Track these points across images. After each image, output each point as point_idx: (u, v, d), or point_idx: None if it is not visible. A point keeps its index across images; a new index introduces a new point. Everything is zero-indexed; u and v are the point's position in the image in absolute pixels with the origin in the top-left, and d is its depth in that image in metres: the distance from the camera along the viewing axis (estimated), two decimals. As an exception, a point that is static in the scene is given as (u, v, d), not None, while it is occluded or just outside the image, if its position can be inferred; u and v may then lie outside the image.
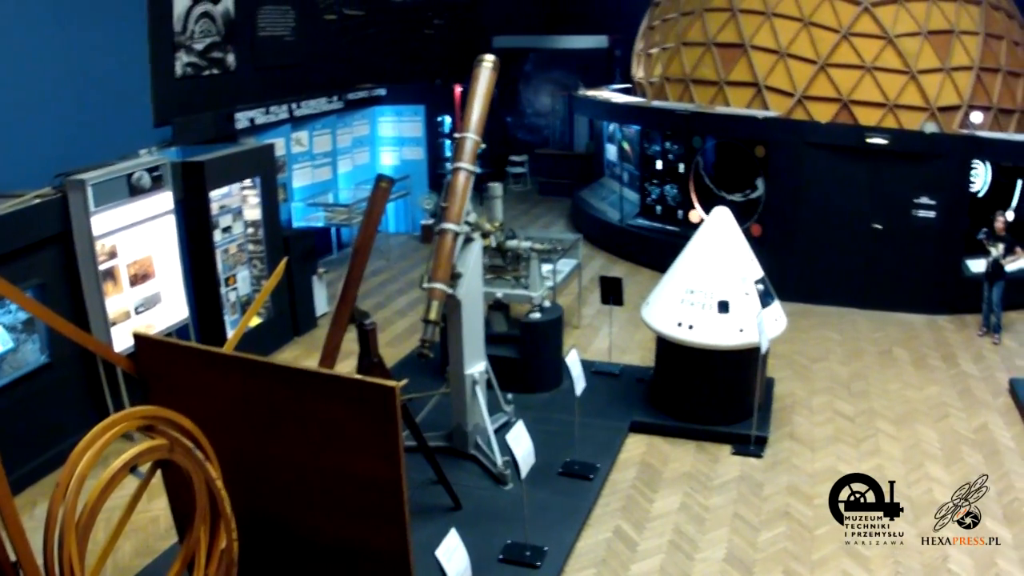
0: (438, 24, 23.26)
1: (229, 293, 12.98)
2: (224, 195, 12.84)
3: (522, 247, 11.96)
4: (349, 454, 6.57)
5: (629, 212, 19.44)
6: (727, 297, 10.73)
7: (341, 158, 19.15)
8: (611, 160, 22.40)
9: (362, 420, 6.40)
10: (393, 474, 6.45)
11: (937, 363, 13.41)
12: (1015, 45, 17.10)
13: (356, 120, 19.58)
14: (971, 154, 15.32)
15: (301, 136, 17.59)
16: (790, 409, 11.92)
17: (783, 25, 16.92)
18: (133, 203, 10.79)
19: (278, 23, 16.75)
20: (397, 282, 17.36)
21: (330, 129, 18.57)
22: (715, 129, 17.36)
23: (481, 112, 9.66)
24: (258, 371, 6.69)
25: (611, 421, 11.27)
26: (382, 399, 6.25)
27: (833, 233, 15.75)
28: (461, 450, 10.24)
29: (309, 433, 6.65)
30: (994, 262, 13.84)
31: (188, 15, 14.09)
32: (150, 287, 11.18)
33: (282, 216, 15.22)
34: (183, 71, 14.19)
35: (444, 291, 8.99)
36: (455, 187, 9.39)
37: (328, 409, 6.48)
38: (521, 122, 26.90)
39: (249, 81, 15.92)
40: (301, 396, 6.53)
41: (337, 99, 18.06)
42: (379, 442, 6.41)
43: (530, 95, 26.73)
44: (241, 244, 13.26)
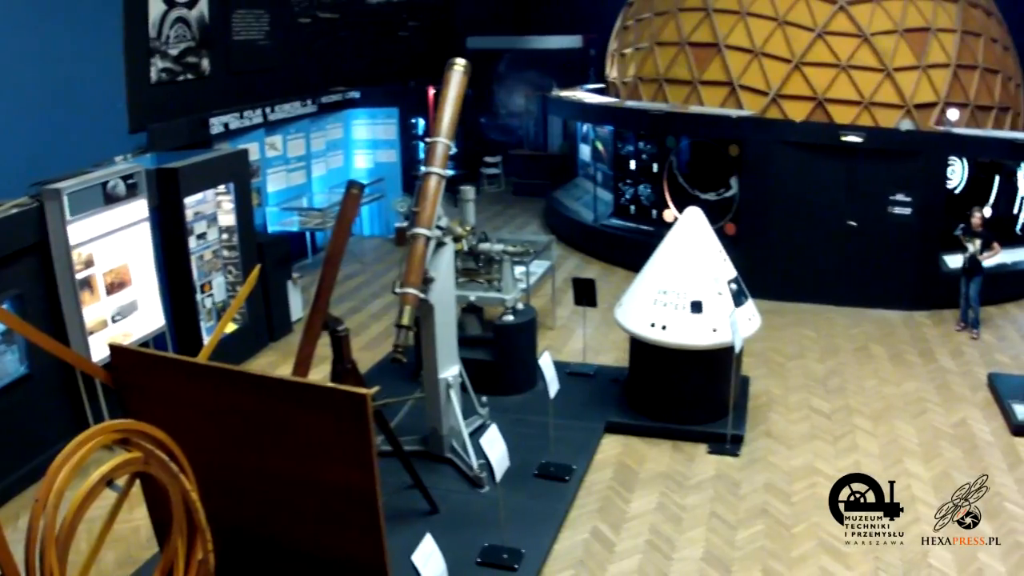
0: (412, 26, 23.18)
1: (205, 300, 12.85)
2: (199, 201, 12.73)
3: (494, 250, 11.88)
4: (322, 463, 6.46)
5: (603, 212, 19.34)
6: (700, 297, 10.63)
7: (315, 162, 18.97)
8: (585, 160, 22.32)
9: (334, 428, 6.30)
10: (367, 482, 6.34)
11: (915, 359, 13.34)
12: (993, 42, 17.09)
13: (330, 123, 19.41)
14: (947, 151, 15.30)
15: (275, 140, 17.41)
16: (766, 407, 11.81)
17: (758, 24, 16.86)
18: (109, 211, 10.66)
19: (252, 27, 16.60)
20: (372, 286, 17.18)
21: (304, 133, 18.39)
22: (689, 129, 17.28)
23: (452, 116, 9.58)
24: (230, 380, 6.59)
25: (586, 422, 11.14)
26: (354, 407, 6.14)
27: (808, 231, 15.68)
28: (437, 454, 10.11)
29: (282, 442, 6.54)
30: (971, 258, 13.79)
31: (163, 20, 13.94)
32: (127, 295, 11.02)
33: (257, 221, 15.08)
34: (158, 77, 14.04)
35: (417, 296, 8.86)
36: (426, 192, 9.28)
37: (300, 418, 6.38)
38: (495, 123, 26.77)
39: (224, 86, 15.77)
40: (273, 405, 6.42)
41: (311, 103, 17.91)
42: (352, 450, 6.31)
43: (504, 96, 26.61)
44: (216, 250, 13.14)
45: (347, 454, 6.33)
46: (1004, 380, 12.17)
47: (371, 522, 6.52)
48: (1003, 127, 16.93)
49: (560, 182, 22.92)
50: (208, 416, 6.66)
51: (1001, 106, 16.94)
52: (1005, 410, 11.34)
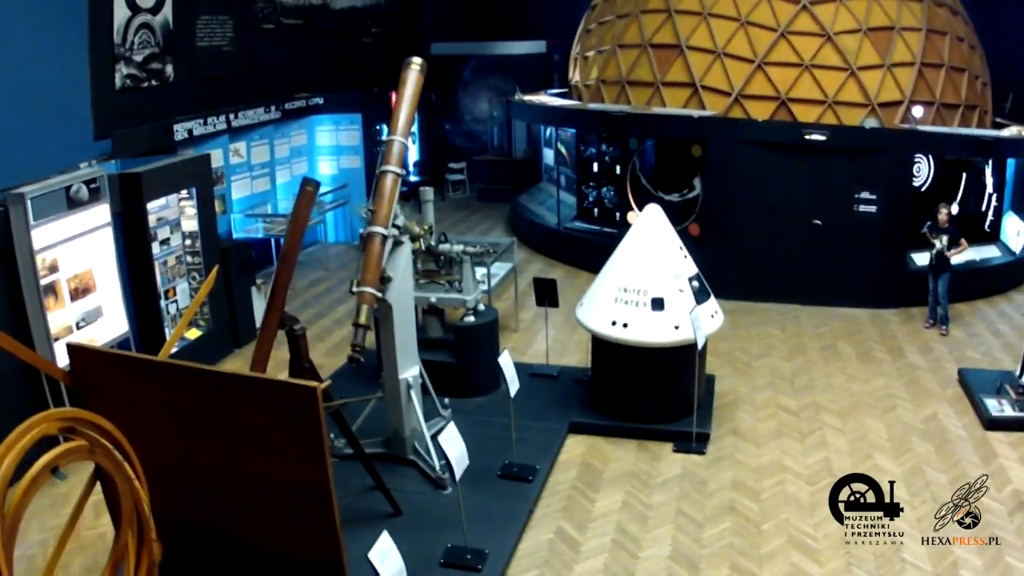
0: (376, 32, 22.97)
1: (169, 306, 12.67)
2: (162, 207, 12.60)
3: (454, 250, 11.64)
4: (275, 459, 6.26)
5: (566, 215, 19.10)
6: (661, 294, 10.41)
7: (279, 168, 18.66)
8: (549, 164, 22.09)
9: (285, 423, 6.10)
10: (320, 480, 6.11)
11: (883, 356, 13.16)
12: (959, 41, 16.99)
13: (294, 130, 19.13)
14: (912, 148, 15.18)
15: (239, 147, 17.14)
16: (732, 405, 11.59)
17: (720, 25, 16.68)
18: (72, 216, 10.47)
19: (216, 33, 16.36)
20: (336, 292, 16.85)
21: (268, 139, 18.11)
22: (652, 130, 17.07)
23: (408, 115, 9.45)
24: (183, 376, 6.38)
25: (550, 423, 10.90)
26: (304, 400, 5.90)
27: (773, 230, 15.52)
28: (399, 456, 9.87)
29: (235, 439, 6.34)
30: (939, 254, 13.67)
31: (127, 26, 13.71)
32: (91, 301, 10.82)
33: (221, 228, 14.89)
34: (122, 83, 13.79)
35: (373, 295, 8.64)
36: (382, 190, 9.10)
37: (251, 413, 6.17)
38: (460, 129, 26.52)
39: (187, 92, 15.54)
40: (225, 401, 6.23)
41: (275, 109, 17.63)
42: (303, 446, 6.10)
43: (468, 102, 26.36)
44: (179, 256, 12.99)
45: (299, 450, 6.12)
46: (975, 375, 12.00)
47: (326, 520, 6.29)
48: (970, 125, 16.81)
49: (524, 187, 22.70)
50: (164, 414, 6.44)
51: (968, 104, 16.83)
52: (976, 405, 11.17)
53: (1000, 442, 10.43)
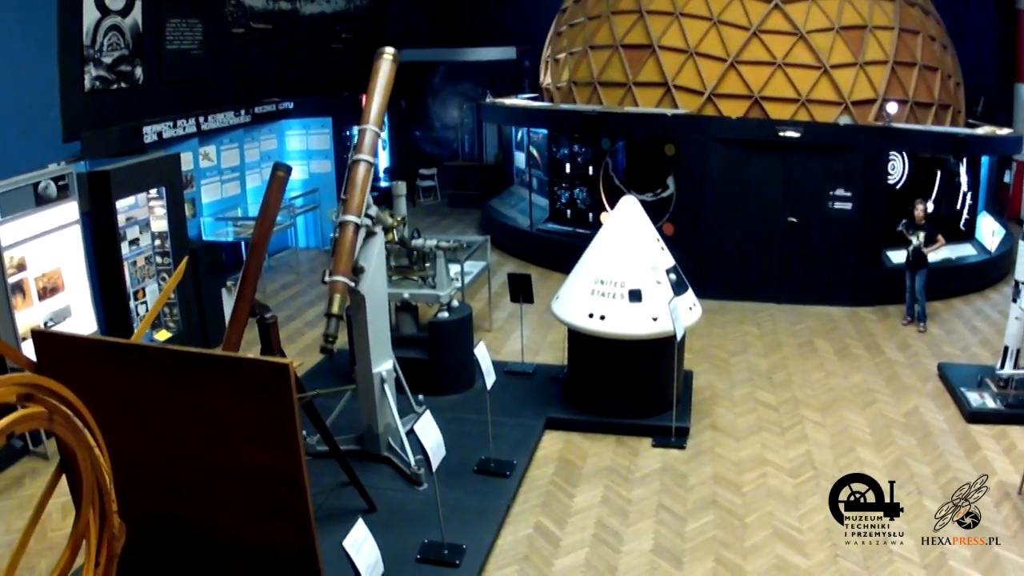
0: (345, 38, 22.76)
1: (138, 307, 12.41)
2: (131, 206, 12.38)
3: (427, 245, 11.44)
4: (244, 444, 5.96)
5: (539, 217, 18.90)
6: (638, 286, 10.22)
7: (249, 173, 18.37)
8: (520, 167, 21.91)
9: (255, 404, 5.80)
10: (291, 464, 5.82)
11: (861, 352, 13.05)
12: (931, 40, 16.98)
13: (264, 134, 18.85)
14: (887, 145, 15.11)
15: (209, 151, 16.86)
16: (710, 401, 11.42)
17: (692, 25, 16.57)
18: (40, 213, 10.25)
19: (186, 36, 16.11)
20: (307, 295, 16.58)
21: (238, 143, 17.83)
22: (624, 129, 16.92)
23: (381, 104, 9.23)
24: (149, 358, 6.08)
25: (526, 419, 10.69)
26: (274, 379, 5.61)
27: (748, 229, 15.41)
28: (373, 453, 9.63)
29: (203, 423, 6.04)
30: (915, 250, 13.60)
31: (97, 28, 13.41)
32: (59, 300, 10.62)
33: (191, 231, 14.74)
34: (92, 85, 13.49)
35: (346, 284, 8.38)
36: (355, 179, 8.86)
37: (220, 394, 5.87)
38: (430, 136, 26.34)
39: (157, 95, 15.24)
40: (193, 382, 5.91)
41: (244, 113, 17.35)
42: (274, 429, 5.81)
43: (438, 108, 26.20)
44: (149, 257, 12.74)
45: (269, 432, 5.83)
46: (955, 369, 11.90)
47: (298, 509, 6.00)
48: (943, 124, 16.81)
49: (495, 191, 22.53)
50: (129, 398, 6.12)
51: (941, 103, 16.81)
52: (958, 399, 11.07)
53: (982, 435, 10.30)
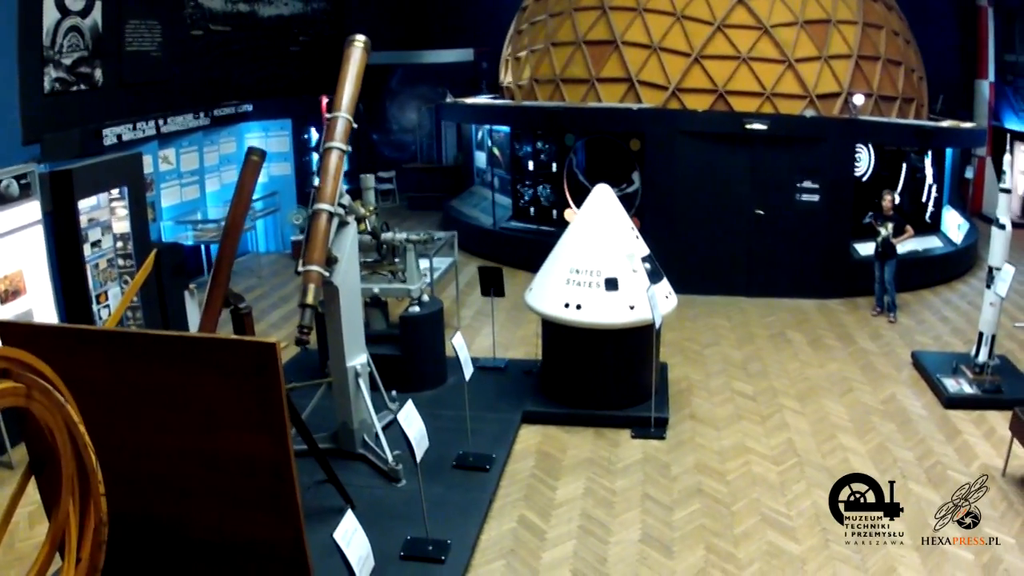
0: (303, 41, 22.48)
1: (101, 311, 12.00)
2: (93, 207, 12.02)
3: (397, 238, 11.21)
4: (227, 431, 5.68)
5: (502, 216, 18.74)
6: (615, 274, 10.09)
7: (208, 176, 18.03)
8: (481, 167, 21.76)
9: (240, 389, 5.52)
10: (279, 451, 5.56)
11: (834, 343, 13.04)
12: (894, 35, 17.11)
13: (223, 137, 18.53)
14: (854, 137, 15.17)
15: (168, 154, 16.54)
16: (687, 392, 11.33)
17: (655, 20, 16.53)
18: (1, 212, 9.92)
19: (145, 38, 15.80)
20: (270, 298, 16.28)
21: (197, 147, 17.51)
22: (589, 124, 16.80)
23: (353, 92, 9.01)
24: (124, 344, 5.79)
25: (502, 413, 10.49)
26: (260, 360, 5.35)
27: (715, 222, 15.38)
28: (348, 450, 9.35)
29: (183, 411, 5.74)
30: (884, 241, 13.63)
31: (57, 29, 13.06)
32: (21, 304, 10.21)
33: (151, 236, 14.29)
34: (51, 87, 13.12)
35: (320, 273, 8.13)
36: (327, 167, 8.63)
37: (201, 380, 5.58)
38: (387, 139, 26.12)
39: (116, 97, 14.90)
40: (170, 368, 5.61)
41: (204, 115, 17.04)
42: (259, 414, 5.53)
43: (396, 111, 26.00)
44: (111, 259, 12.36)
45: (255, 417, 5.55)
46: (929, 357, 11.94)
47: (286, 499, 5.73)
48: (907, 117, 16.96)
49: (455, 192, 22.37)
50: (103, 389, 5.81)
51: (905, 97, 16.95)
52: (934, 385, 11.10)
53: (961, 419, 10.32)
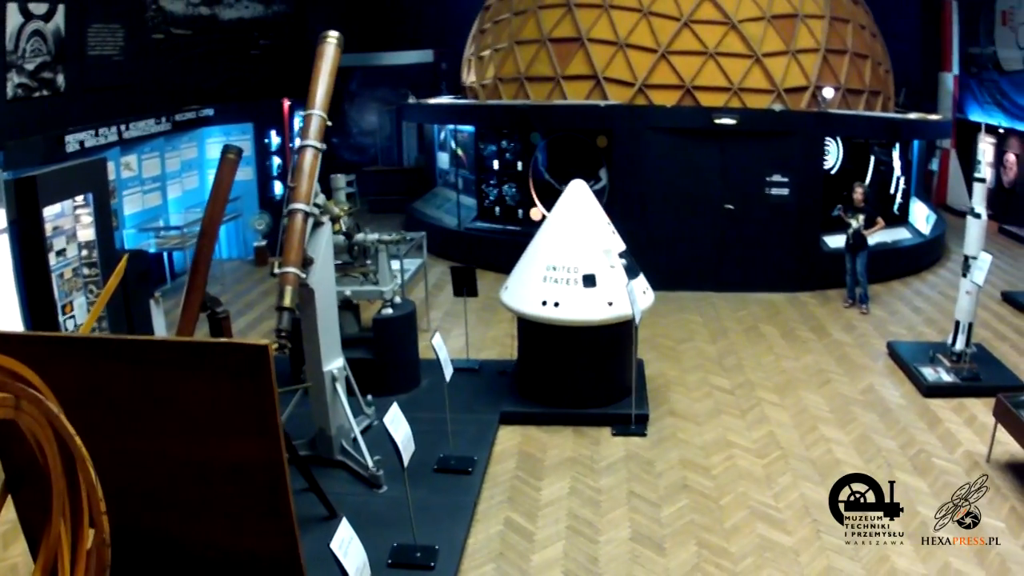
0: (264, 44, 22.21)
1: (67, 321, 11.66)
2: (57, 215, 11.66)
3: (369, 239, 11.01)
4: (217, 437, 5.45)
5: (467, 217, 18.57)
6: (592, 270, 9.97)
7: (171, 183, 17.70)
8: (444, 168, 21.57)
9: (229, 392, 5.31)
10: (272, 457, 5.35)
11: (808, 335, 13.03)
12: (861, 28, 17.21)
13: (184, 142, 18.21)
14: (823, 130, 15.20)
15: (130, 160, 16.19)
16: (664, 388, 11.22)
17: (621, 16, 16.47)
18: None
19: (108, 42, 15.54)
20: (234, 305, 15.91)
21: (159, 152, 17.18)
22: (555, 122, 16.66)
23: (327, 89, 8.88)
24: (106, 351, 5.52)
25: (479, 414, 10.30)
26: (251, 363, 5.15)
27: (685, 218, 15.34)
28: (327, 457, 9.10)
29: (172, 419, 5.49)
30: (855, 233, 13.65)
31: (20, 33, 12.79)
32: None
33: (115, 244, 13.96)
34: (14, 93, 12.87)
35: (297, 275, 7.91)
36: (302, 165, 8.42)
37: (188, 385, 5.35)
38: (347, 142, 25.86)
39: (78, 102, 14.63)
40: (155, 374, 5.37)
41: (165, 120, 16.73)
42: (251, 418, 5.32)
43: (355, 114, 25.77)
44: (76, 268, 11.99)
45: (245, 424, 5.34)
46: (905, 347, 11.98)
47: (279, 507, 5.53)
48: (874, 110, 17.08)
49: (417, 195, 22.15)
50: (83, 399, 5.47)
51: (872, 90, 17.07)
52: (912, 375, 11.12)
53: (942, 408, 10.34)
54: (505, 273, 11.01)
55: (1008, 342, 12.73)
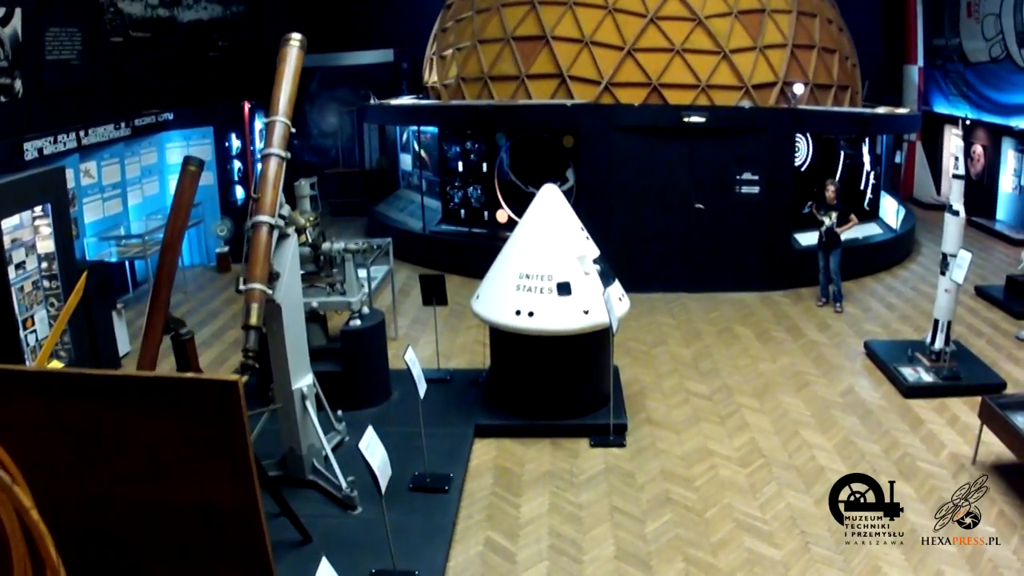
0: (222, 46, 21.84)
1: (28, 336, 11.17)
2: (16, 226, 11.15)
3: (335, 249, 10.67)
4: (187, 480, 5.03)
5: (432, 219, 18.24)
6: (567, 278, 9.71)
7: (131, 189, 17.25)
8: (407, 170, 21.24)
9: (197, 432, 4.90)
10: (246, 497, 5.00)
11: (783, 336, 12.87)
12: (828, 22, 17.12)
13: (144, 148, 17.74)
14: (793, 127, 15.06)
15: (90, 167, 15.72)
16: (640, 395, 10.99)
17: (586, 13, 16.23)
18: None
19: (65, 46, 15.15)
20: (197, 314, 15.53)
21: (118, 158, 16.72)
22: (521, 122, 16.42)
23: (290, 93, 8.49)
24: (63, 386, 5.08)
25: (453, 428, 9.99)
26: (221, 400, 4.79)
27: (654, 218, 15.15)
28: (298, 477, 8.76)
29: (136, 459, 5.05)
30: (828, 231, 13.53)
31: None
32: None
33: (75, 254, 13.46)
34: (-28, 100, 12.48)
35: (263, 291, 7.58)
36: (267, 175, 8.05)
37: (153, 424, 4.94)
38: (308, 144, 25.47)
39: (36, 109, 14.22)
40: (119, 411, 4.95)
41: (124, 125, 16.30)
42: (222, 458, 4.92)
43: (316, 115, 25.39)
44: (36, 281, 11.50)
45: (216, 463, 4.98)
46: (883, 346, 11.85)
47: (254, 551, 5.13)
48: (843, 105, 16.99)
49: (379, 197, 21.83)
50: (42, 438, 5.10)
51: (840, 84, 16.97)
52: (891, 375, 10.99)
53: (923, 408, 10.21)
54: (472, 277, 10.78)
55: (984, 337, 12.65)
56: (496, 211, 16.92)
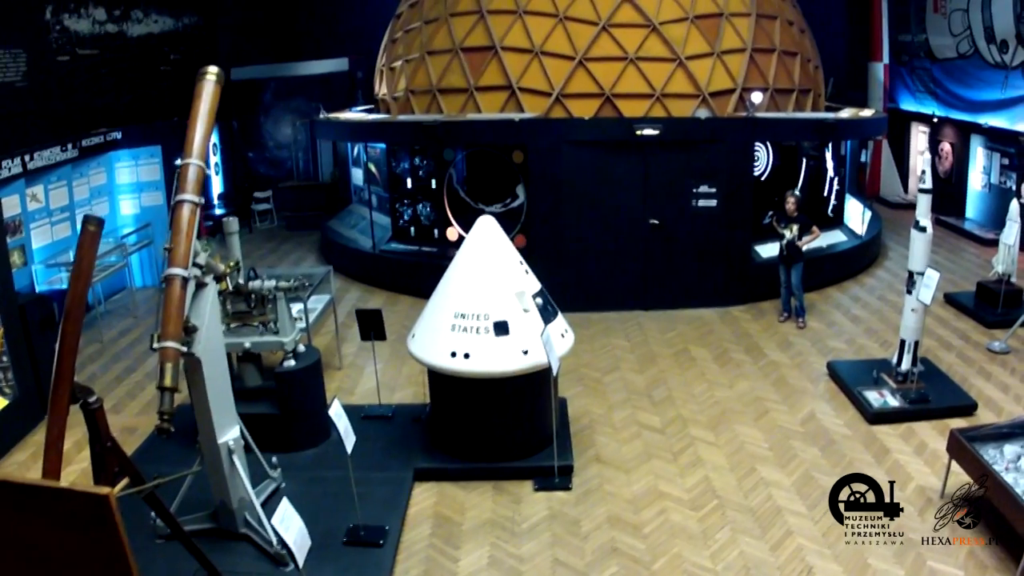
0: (174, 59, 21.28)
1: None
2: None
3: (266, 287, 10.05)
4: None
5: (381, 237, 17.63)
6: (504, 317, 9.09)
7: (80, 211, 16.61)
8: (358, 185, 20.63)
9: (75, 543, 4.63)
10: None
11: (742, 356, 12.31)
12: (789, 24, 16.63)
13: (92, 168, 17.17)
14: (752, 136, 14.55)
15: (37, 191, 15.15)
16: (590, 428, 10.39)
17: (536, 23, 15.65)
18: None
19: (9, 67, 14.80)
20: (147, 341, 14.93)
21: (66, 180, 16.13)
22: (468, 138, 15.81)
23: (204, 133, 7.89)
24: None
25: (392, 472, 9.41)
26: (94, 512, 4.42)
27: (608, 234, 14.58)
28: (231, 531, 8.26)
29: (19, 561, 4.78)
30: (789, 244, 13.06)
31: None
32: None
33: (23, 281, 13.35)
34: (-84, 126, 11.94)
35: (178, 350, 7.00)
36: (179, 223, 7.49)
37: (32, 527, 4.65)
38: (263, 156, 24.91)
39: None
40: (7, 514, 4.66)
41: (72, 147, 15.73)
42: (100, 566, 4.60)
43: (271, 127, 24.83)
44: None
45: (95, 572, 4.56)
46: (846, 367, 11.30)
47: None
48: (804, 109, 16.52)
49: (333, 211, 21.27)
50: None
51: (802, 88, 16.48)
52: (855, 399, 10.44)
53: (889, 435, 9.68)
54: (422, 298, 10.16)
55: (954, 351, 12.16)
56: (446, 229, 16.34)
